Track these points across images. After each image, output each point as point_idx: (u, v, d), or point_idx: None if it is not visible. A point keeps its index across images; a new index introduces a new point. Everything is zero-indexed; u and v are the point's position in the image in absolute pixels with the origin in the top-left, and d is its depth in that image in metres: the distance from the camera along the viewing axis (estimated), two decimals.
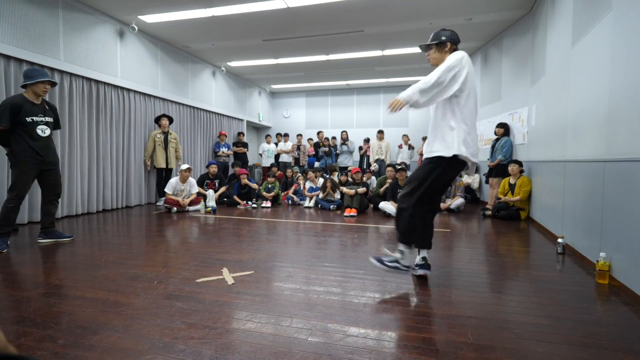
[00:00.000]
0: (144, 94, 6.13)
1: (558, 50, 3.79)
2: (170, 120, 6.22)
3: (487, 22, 5.63)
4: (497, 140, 5.58)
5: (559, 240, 3.11)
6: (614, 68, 2.46)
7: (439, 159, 2.22)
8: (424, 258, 2.38)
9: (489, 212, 5.13)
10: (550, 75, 4.09)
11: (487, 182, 5.86)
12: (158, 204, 6.11)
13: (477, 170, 6.93)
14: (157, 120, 6.14)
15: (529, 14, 5.22)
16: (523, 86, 5.37)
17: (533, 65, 4.97)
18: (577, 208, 3.07)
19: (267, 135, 9.41)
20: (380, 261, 2.36)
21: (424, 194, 2.26)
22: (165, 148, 6.07)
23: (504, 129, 5.51)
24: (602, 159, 2.56)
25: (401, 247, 2.34)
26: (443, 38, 2.27)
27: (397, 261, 2.33)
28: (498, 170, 5.39)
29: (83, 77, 4.95)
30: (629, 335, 1.67)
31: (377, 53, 7.23)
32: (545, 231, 3.96)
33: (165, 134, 6.09)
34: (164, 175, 6.13)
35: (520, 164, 4.93)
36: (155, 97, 6.37)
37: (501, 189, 5.14)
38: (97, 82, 5.19)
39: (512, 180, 4.98)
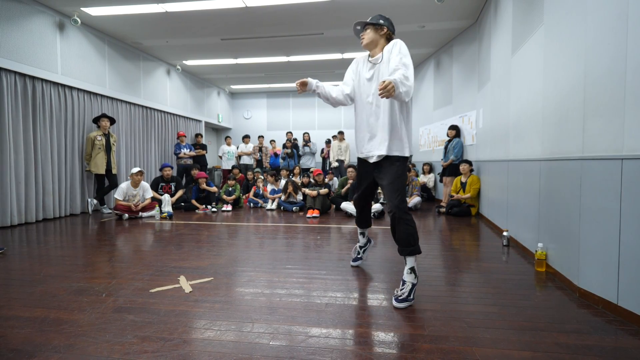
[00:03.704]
0: (90, 93, 5.67)
1: (500, 59, 4.12)
2: (112, 121, 5.66)
3: (439, 30, 5.96)
4: (449, 141, 5.93)
5: (504, 233, 3.38)
6: (545, 76, 2.73)
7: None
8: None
9: (443, 210, 5.43)
10: (494, 81, 4.43)
11: (441, 181, 6.21)
12: (105, 211, 5.68)
13: (431, 170, 7.31)
14: (96, 120, 5.57)
15: (475, 24, 5.62)
16: (471, 91, 5.76)
17: (480, 72, 5.35)
18: (518, 204, 3.35)
19: (228, 137, 9.15)
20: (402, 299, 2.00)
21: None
22: (108, 152, 5.57)
23: (455, 131, 5.87)
24: (538, 159, 2.83)
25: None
26: (382, 21, 2.26)
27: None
28: (451, 170, 5.73)
29: (15, 72, 4.47)
30: (562, 316, 1.86)
31: (337, 56, 7.35)
32: (493, 225, 4.28)
33: (107, 135, 5.58)
34: (105, 181, 5.64)
35: (470, 163, 5.29)
36: (102, 95, 5.92)
37: (454, 187, 5.46)
38: (33, 78, 4.71)
39: (463, 179, 5.32)
